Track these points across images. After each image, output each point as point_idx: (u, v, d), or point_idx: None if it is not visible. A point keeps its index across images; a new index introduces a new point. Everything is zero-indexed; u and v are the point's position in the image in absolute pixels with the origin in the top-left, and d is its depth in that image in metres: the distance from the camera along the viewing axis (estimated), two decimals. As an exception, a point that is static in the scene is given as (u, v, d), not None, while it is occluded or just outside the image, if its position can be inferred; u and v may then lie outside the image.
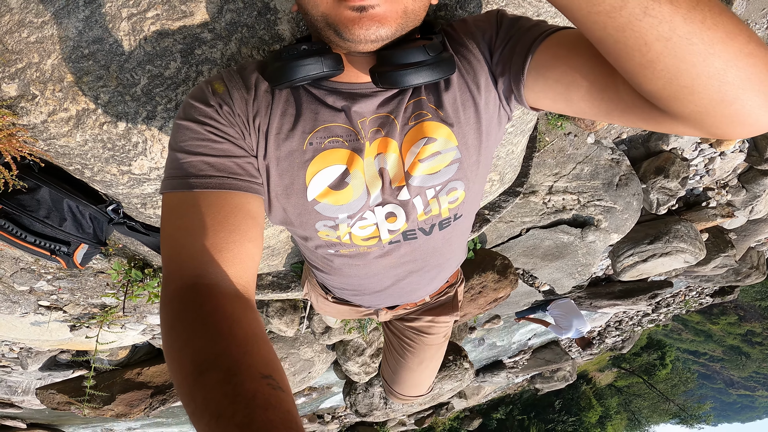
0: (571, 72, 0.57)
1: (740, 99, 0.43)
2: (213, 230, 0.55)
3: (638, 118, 0.53)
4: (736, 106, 0.43)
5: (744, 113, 0.44)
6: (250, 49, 0.88)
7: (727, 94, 0.43)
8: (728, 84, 0.42)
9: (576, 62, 0.56)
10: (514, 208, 3.23)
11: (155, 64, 0.85)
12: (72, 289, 1.62)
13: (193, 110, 0.63)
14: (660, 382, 19.12)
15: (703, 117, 0.46)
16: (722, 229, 4.27)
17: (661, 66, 0.43)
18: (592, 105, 0.57)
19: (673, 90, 0.45)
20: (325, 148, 0.67)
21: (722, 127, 0.46)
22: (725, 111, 0.44)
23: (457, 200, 0.73)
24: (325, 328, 2.58)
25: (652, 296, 4.61)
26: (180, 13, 0.81)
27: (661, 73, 0.44)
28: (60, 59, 0.82)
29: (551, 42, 0.59)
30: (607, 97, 0.55)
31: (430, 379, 1.35)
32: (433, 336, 1.23)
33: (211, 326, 0.47)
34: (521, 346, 6.22)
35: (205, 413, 0.40)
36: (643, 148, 3.29)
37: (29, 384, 2.91)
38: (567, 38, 0.58)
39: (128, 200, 1.16)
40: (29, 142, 0.95)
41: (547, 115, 2.76)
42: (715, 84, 0.42)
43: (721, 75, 0.42)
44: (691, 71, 0.42)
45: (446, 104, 0.67)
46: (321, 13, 0.59)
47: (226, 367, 0.42)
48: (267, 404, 0.40)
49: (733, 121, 0.45)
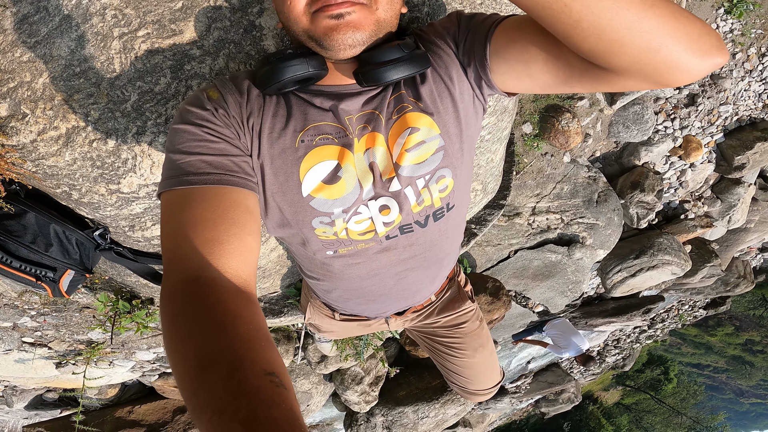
0: (526, 49, 0.64)
1: (665, 46, 0.50)
2: (213, 223, 0.56)
3: (593, 80, 0.60)
4: (663, 53, 0.50)
5: (673, 59, 0.51)
6: (237, 64, 0.92)
7: (651, 42, 0.50)
8: (647, 32, 0.49)
9: (527, 39, 0.64)
10: (500, 231, 3.28)
11: (145, 80, 0.88)
12: (57, 325, 1.56)
13: (190, 115, 0.66)
14: (668, 397, 18.82)
15: (641, 67, 0.53)
16: (704, 240, 4.37)
17: (586, 24, 0.50)
18: (551, 75, 0.64)
19: (604, 45, 0.52)
20: (316, 145, 0.71)
21: (662, 75, 0.53)
22: (657, 58, 0.51)
23: (447, 188, 0.77)
24: (321, 357, 2.51)
25: (645, 311, 4.62)
26: (170, 32, 0.86)
27: (589, 30, 0.51)
28: (52, 78, 0.84)
29: (504, 27, 0.67)
30: (562, 66, 0.62)
31: (495, 362, 1.33)
32: (467, 324, 1.23)
33: (214, 321, 0.47)
34: (521, 371, 6.11)
35: (207, 409, 0.40)
36: (617, 164, 3.41)
37: (15, 423, 2.74)
38: (516, 21, 0.66)
39: (116, 223, 1.15)
40: (17, 164, 0.95)
41: (523, 137, 2.87)
42: (636, 34, 0.50)
43: (637, 25, 0.49)
44: (612, 24, 0.49)
45: (424, 96, 0.73)
46: (303, 27, 0.65)
47: (229, 363, 0.42)
48: (270, 401, 0.40)
49: (669, 67, 0.52)
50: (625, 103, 2.95)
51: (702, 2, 2.67)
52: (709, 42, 0.50)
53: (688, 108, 3.12)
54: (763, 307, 17.63)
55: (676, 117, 3.15)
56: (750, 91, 3.26)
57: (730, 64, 3.08)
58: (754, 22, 2.90)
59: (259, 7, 0.90)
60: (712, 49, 0.50)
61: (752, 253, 6.02)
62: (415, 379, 3.44)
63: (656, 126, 3.15)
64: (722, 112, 3.24)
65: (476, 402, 1.44)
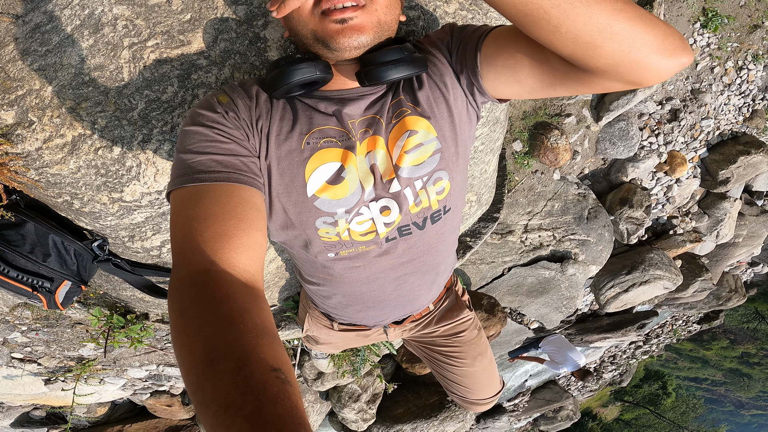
0: (512, 56, 0.69)
1: (635, 47, 0.55)
2: (222, 218, 0.58)
3: (575, 83, 0.65)
4: (634, 54, 0.55)
5: (642, 59, 0.56)
6: (243, 74, 0.95)
7: (622, 44, 0.55)
8: (619, 35, 0.54)
9: (514, 47, 0.69)
10: (493, 249, 3.31)
11: (153, 89, 0.91)
12: (47, 341, 1.53)
13: (201, 117, 0.68)
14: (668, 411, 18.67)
15: (617, 68, 0.58)
16: (694, 255, 4.44)
17: (564, 29, 0.55)
18: (537, 80, 0.69)
19: (581, 48, 0.57)
20: (321, 147, 0.74)
21: (636, 74, 0.58)
22: (629, 59, 0.56)
23: (443, 191, 0.80)
24: (317, 374, 2.47)
25: (640, 326, 4.64)
26: (178, 42, 0.89)
27: (567, 35, 0.56)
28: (61, 86, 0.86)
29: (493, 36, 0.73)
30: (546, 70, 0.67)
31: (495, 371, 1.33)
32: (466, 332, 1.23)
33: (223, 314, 0.47)
34: (519, 389, 6.05)
35: (213, 403, 0.40)
36: (606, 181, 3.49)
37: (0, 440, 2.62)
38: (504, 31, 0.72)
39: (115, 233, 1.15)
40: (20, 172, 0.96)
41: (513, 155, 2.94)
42: (608, 36, 0.55)
43: (608, 28, 0.54)
44: (586, 28, 0.54)
45: (421, 100, 0.77)
46: (310, 30, 0.70)
47: (236, 358, 0.43)
48: (276, 397, 0.40)
49: (640, 67, 0.57)
50: (610, 119, 3.04)
51: (679, 17, 2.79)
52: (674, 43, 0.55)
53: (671, 123, 3.21)
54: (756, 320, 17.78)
55: (660, 132, 3.24)
56: (730, 105, 3.35)
57: (709, 78, 3.18)
58: (729, 35, 3.00)
59: (263, 20, 0.94)
60: (677, 49, 0.55)
61: (742, 267, 6.11)
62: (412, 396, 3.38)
63: (641, 142, 3.24)
64: (704, 127, 3.33)
65: (477, 412, 1.43)
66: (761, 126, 3.55)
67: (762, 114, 3.50)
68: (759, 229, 4.47)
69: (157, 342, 1.81)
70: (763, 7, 2.98)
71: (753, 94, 3.37)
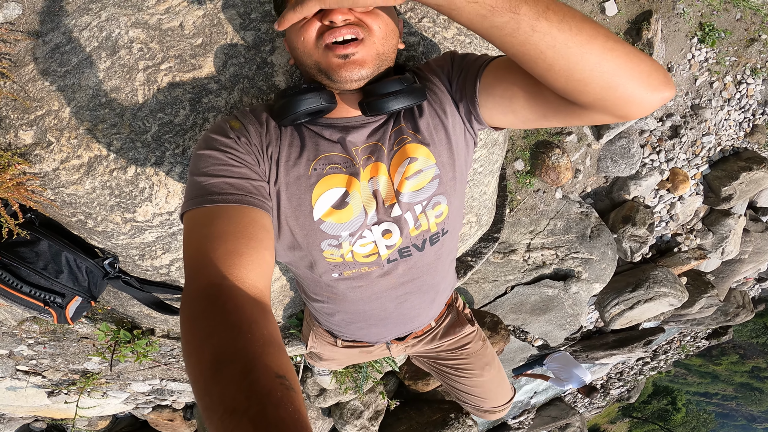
0: (510, 87, 0.73)
1: (622, 84, 0.59)
2: (234, 237, 0.61)
3: (567, 115, 0.69)
4: (621, 90, 0.59)
5: (629, 94, 0.59)
6: (251, 98, 0.99)
7: (610, 81, 0.59)
8: (607, 73, 0.58)
9: (512, 78, 0.73)
10: (496, 267, 3.31)
11: (166, 112, 0.95)
12: (53, 354, 1.54)
13: (215, 142, 0.72)
14: (678, 426, 18.27)
15: (605, 103, 0.61)
16: (699, 271, 4.41)
17: (557, 67, 0.59)
18: (531, 111, 0.73)
19: (573, 84, 0.60)
20: (327, 173, 0.78)
21: (622, 109, 0.62)
22: (616, 95, 0.60)
23: (442, 214, 0.83)
24: (319, 390, 2.46)
25: (646, 342, 4.58)
26: (190, 66, 0.93)
27: (560, 73, 0.60)
28: (78, 107, 0.90)
29: (492, 67, 0.76)
30: (540, 102, 0.71)
31: (505, 378, 1.35)
32: (471, 344, 1.26)
33: (232, 323, 0.50)
34: (524, 406, 5.95)
35: (219, 407, 0.42)
36: (608, 199, 3.49)
37: (0, 451, 2.59)
38: (503, 63, 0.75)
39: (126, 252, 1.18)
40: (37, 191, 1.00)
41: (515, 174, 2.96)
42: (597, 74, 0.58)
43: (598, 67, 0.58)
44: (578, 67, 0.58)
45: (422, 128, 0.80)
46: (314, 61, 0.74)
47: (243, 364, 0.45)
48: (280, 402, 0.42)
49: (627, 102, 0.60)
50: (611, 137, 3.07)
51: (676, 33, 2.80)
52: (657, 79, 0.59)
53: (672, 140, 3.21)
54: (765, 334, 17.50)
55: (661, 149, 3.25)
56: (730, 120, 3.34)
57: (708, 94, 3.16)
58: (727, 49, 3.00)
59: (271, 45, 0.98)
60: (660, 84, 0.59)
61: (749, 284, 6.04)
62: (415, 414, 3.35)
63: (643, 159, 3.25)
64: (705, 143, 3.32)
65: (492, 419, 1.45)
66: (762, 141, 3.55)
67: (763, 129, 3.50)
68: (765, 246, 4.44)
69: (161, 357, 1.83)
70: (759, 21, 3.00)
71: (753, 109, 3.37)
